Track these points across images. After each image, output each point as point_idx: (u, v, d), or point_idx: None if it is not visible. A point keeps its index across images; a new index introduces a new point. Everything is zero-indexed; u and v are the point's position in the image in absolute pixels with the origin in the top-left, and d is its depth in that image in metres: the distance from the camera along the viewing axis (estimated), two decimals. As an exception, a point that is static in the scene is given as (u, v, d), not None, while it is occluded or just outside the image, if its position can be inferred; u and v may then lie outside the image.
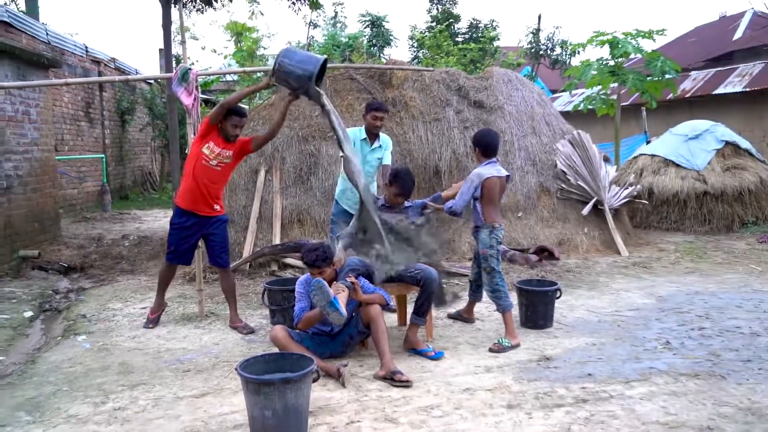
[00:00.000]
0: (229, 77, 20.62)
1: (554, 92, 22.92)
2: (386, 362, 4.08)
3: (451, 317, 5.51)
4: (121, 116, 15.74)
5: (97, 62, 14.47)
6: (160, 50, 15.39)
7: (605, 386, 3.91)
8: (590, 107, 12.59)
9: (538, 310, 5.21)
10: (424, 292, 4.62)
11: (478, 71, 14.85)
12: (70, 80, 9.55)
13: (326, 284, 4.08)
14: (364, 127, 5.77)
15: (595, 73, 11.72)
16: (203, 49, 51.69)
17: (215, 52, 30.05)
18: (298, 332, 4.35)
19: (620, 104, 12.47)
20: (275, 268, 7.21)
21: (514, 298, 5.21)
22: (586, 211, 8.35)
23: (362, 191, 4.66)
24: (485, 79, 9.25)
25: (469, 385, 3.99)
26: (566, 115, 12.16)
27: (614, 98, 12.29)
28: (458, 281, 6.80)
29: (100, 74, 14.27)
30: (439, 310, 5.05)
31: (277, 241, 7.35)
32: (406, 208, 4.99)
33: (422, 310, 4.65)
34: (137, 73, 16.55)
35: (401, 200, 4.95)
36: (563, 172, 8.45)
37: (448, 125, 8.49)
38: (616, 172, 9.44)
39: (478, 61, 21.23)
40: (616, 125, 12.46)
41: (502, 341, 4.67)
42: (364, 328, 4.33)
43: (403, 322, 5.28)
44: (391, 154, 5.88)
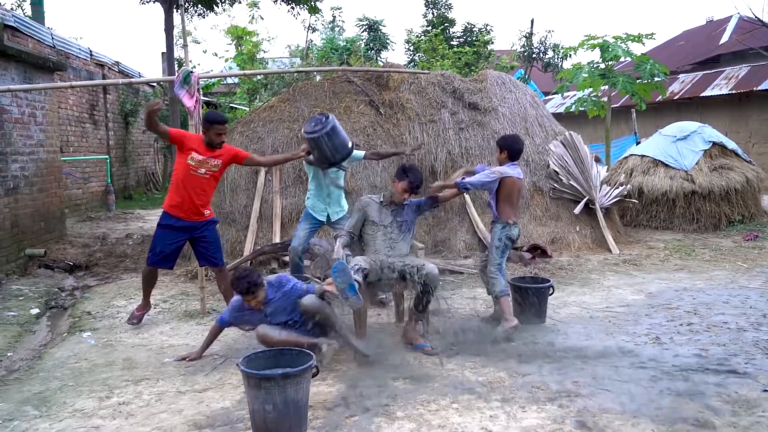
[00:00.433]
0: (229, 80, 20.59)
1: (547, 94, 22.95)
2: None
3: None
4: (124, 118, 15.71)
5: (101, 65, 14.44)
6: (162, 54, 15.35)
7: (597, 381, 3.91)
8: (582, 109, 12.59)
9: (531, 306, 5.21)
10: (424, 288, 4.53)
11: (472, 74, 14.83)
12: (75, 83, 9.51)
13: (348, 267, 4.09)
14: None
15: (586, 75, 11.72)
16: (205, 52, 51.68)
17: (216, 55, 30.13)
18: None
19: (611, 106, 12.47)
20: (275, 266, 7.20)
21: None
22: (577, 210, 8.35)
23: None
24: (479, 81, 9.25)
25: (464, 379, 4.00)
26: (558, 116, 12.17)
27: (605, 100, 12.30)
28: (453, 278, 6.80)
29: (104, 77, 14.23)
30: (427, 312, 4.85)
31: (277, 239, 7.34)
32: (404, 206, 4.89)
33: (422, 305, 4.60)
34: (140, 76, 16.51)
35: (406, 197, 4.79)
36: (555, 172, 8.46)
37: (443, 126, 8.49)
38: (606, 172, 9.44)
39: (472, 64, 21.20)
40: (606, 126, 12.47)
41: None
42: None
43: (401, 317, 5.27)
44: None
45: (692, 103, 15.40)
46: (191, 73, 5.61)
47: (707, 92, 14.84)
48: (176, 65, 10.27)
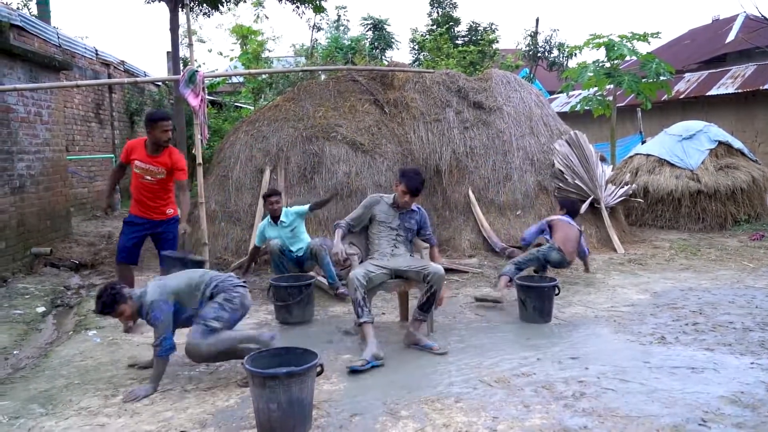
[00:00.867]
0: (234, 79, 20.61)
1: (552, 93, 22.88)
2: None
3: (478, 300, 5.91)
4: (130, 117, 15.73)
5: (106, 65, 14.45)
6: (167, 53, 15.34)
7: (601, 380, 3.90)
8: (587, 108, 12.55)
9: (536, 305, 5.20)
10: (429, 288, 4.53)
11: (477, 73, 14.82)
12: (80, 82, 9.52)
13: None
14: (267, 215, 6.33)
15: (591, 74, 11.68)
16: (210, 51, 51.55)
17: (221, 54, 29.96)
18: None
19: (616, 105, 12.43)
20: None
21: (513, 293, 5.62)
22: (582, 209, 8.30)
23: None
24: (484, 80, 9.23)
25: (469, 378, 3.99)
26: (563, 115, 12.13)
27: (610, 99, 12.26)
28: (458, 278, 6.79)
29: (109, 76, 14.25)
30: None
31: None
32: (412, 212, 4.88)
33: (426, 305, 4.58)
34: (146, 75, 16.54)
35: (407, 198, 4.72)
36: (561, 171, 8.43)
37: (448, 126, 8.47)
38: (612, 171, 9.41)
39: (477, 63, 21.18)
40: (612, 126, 12.43)
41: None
42: None
43: (404, 317, 5.27)
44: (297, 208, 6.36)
45: (698, 102, 15.32)
46: (196, 72, 5.64)
47: (713, 91, 14.75)
48: (181, 64, 10.28)
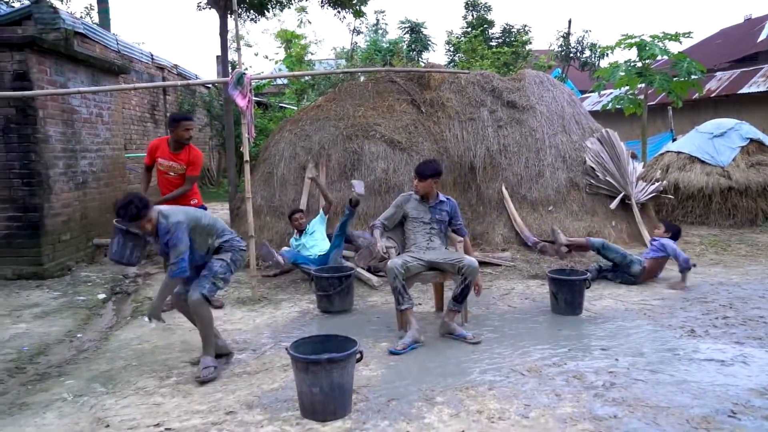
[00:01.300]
0: (279, 81, 20.79)
1: (584, 93, 22.46)
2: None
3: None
4: (182, 117, 16.02)
5: (161, 68, 14.75)
6: (217, 57, 15.56)
7: (631, 371, 3.83)
8: (618, 107, 12.29)
9: (567, 298, 5.13)
10: (464, 279, 4.51)
11: (511, 73, 14.63)
12: (137, 85, 9.75)
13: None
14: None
15: (623, 74, 11.44)
16: (256, 55, 52.27)
17: (267, 57, 30.38)
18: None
19: (647, 104, 12.14)
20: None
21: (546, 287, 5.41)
22: (613, 205, 8.16)
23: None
24: (518, 80, 9.11)
25: (501, 367, 3.96)
26: (595, 114, 11.90)
27: (641, 98, 11.98)
28: (491, 270, 6.74)
29: (164, 79, 14.54)
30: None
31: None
32: (441, 203, 4.89)
33: (461, 297, 4.57)
34: (197, 78, 16.80)
35: (418, 185, 4.78)
36: (592, 168, 8.28)
37: (482, 124, 8.40)
38: (642, 168, 9.19)
39: (511, 64, 20.93)
40: (643, 124, 12.15)
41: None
42: None
43: (439, 308, 5.26)
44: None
45: (729, 100, 14.85)
46: (244, 74, 5.69)
47: (744, 89, 14.28)
48: (230, 67, 10.41)
